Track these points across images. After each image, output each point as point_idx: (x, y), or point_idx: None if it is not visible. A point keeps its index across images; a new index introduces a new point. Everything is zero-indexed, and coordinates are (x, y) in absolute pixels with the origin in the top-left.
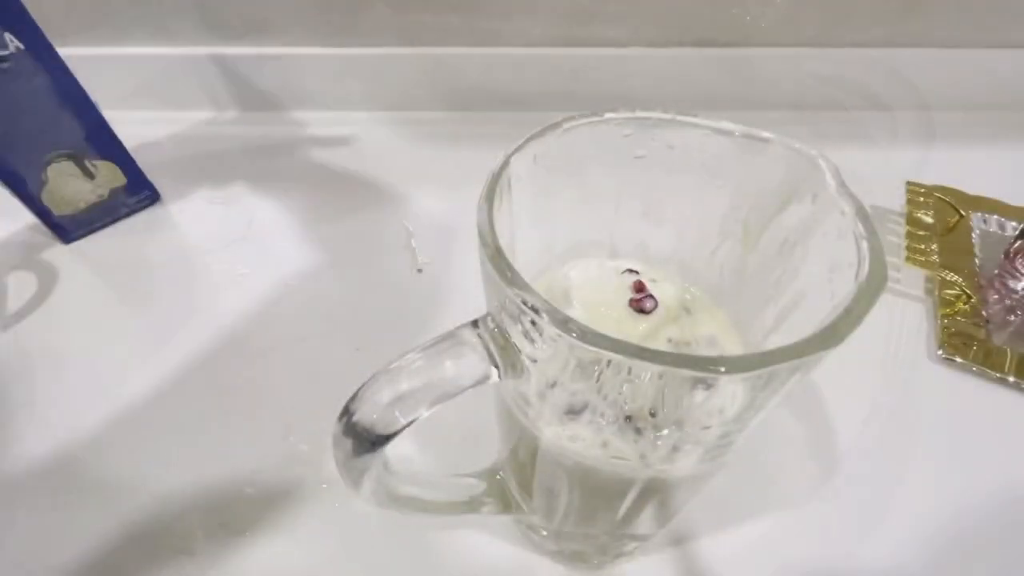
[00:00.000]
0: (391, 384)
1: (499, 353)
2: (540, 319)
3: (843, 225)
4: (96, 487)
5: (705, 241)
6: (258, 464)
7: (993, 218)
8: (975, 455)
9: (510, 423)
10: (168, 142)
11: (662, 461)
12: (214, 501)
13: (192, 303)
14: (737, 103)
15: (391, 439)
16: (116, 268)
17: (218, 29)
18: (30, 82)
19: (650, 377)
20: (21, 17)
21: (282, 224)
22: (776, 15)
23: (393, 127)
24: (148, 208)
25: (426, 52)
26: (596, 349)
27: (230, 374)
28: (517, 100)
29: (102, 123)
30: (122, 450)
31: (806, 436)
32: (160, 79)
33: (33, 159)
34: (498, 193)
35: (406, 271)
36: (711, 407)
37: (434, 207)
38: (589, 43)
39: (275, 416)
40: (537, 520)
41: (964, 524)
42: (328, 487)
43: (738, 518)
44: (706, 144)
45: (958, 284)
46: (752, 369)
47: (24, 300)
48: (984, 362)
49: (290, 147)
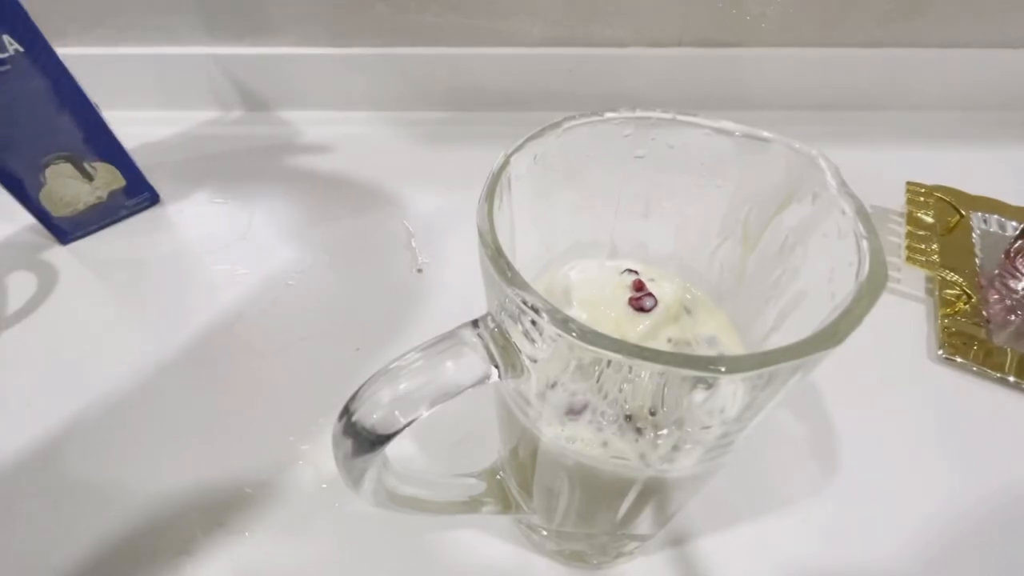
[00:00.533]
0: (391, 384)
1: (499, 353)
2: (540, 319)
3: (843, 225)
4: (95, 487)
5: (705, 241)
6: (258, 464)
7: (993, 218)
8: (975, 455)
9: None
10: (167, 142)
11: (662, 461)
12: (213, 501)
13: (192, 303)
14: (737, 103)
15: (391, 439)
16: (116, 269)
17: (218, 29)
18: (29, 84)
19: (650, 377)
20: (20, 20)
21: (282, 224)
22: (776, 16)
23: (393, 127)
24: (148, 209)
25: (426, 52)
26: (596, 349)
27: (230, 374)
28: (517, 100)
29: (101, 125)
30: (121, 450)
31: (806, 436)
32: (160, 79)
33: (32, 161)
34: (498, 193)
35: (406, 271)
36: (711, 407)
37: (434, 207)
38: (589, 43)
39: (275, 416)
40: (537, 520)
41: (964, 524)
42: (328, 487)
43: (738, 518)
44: (706, 144)
45: (958, 284)
46: (752, 369)
47: (23, 301)
48: (984, 362)
49: (290, 147)
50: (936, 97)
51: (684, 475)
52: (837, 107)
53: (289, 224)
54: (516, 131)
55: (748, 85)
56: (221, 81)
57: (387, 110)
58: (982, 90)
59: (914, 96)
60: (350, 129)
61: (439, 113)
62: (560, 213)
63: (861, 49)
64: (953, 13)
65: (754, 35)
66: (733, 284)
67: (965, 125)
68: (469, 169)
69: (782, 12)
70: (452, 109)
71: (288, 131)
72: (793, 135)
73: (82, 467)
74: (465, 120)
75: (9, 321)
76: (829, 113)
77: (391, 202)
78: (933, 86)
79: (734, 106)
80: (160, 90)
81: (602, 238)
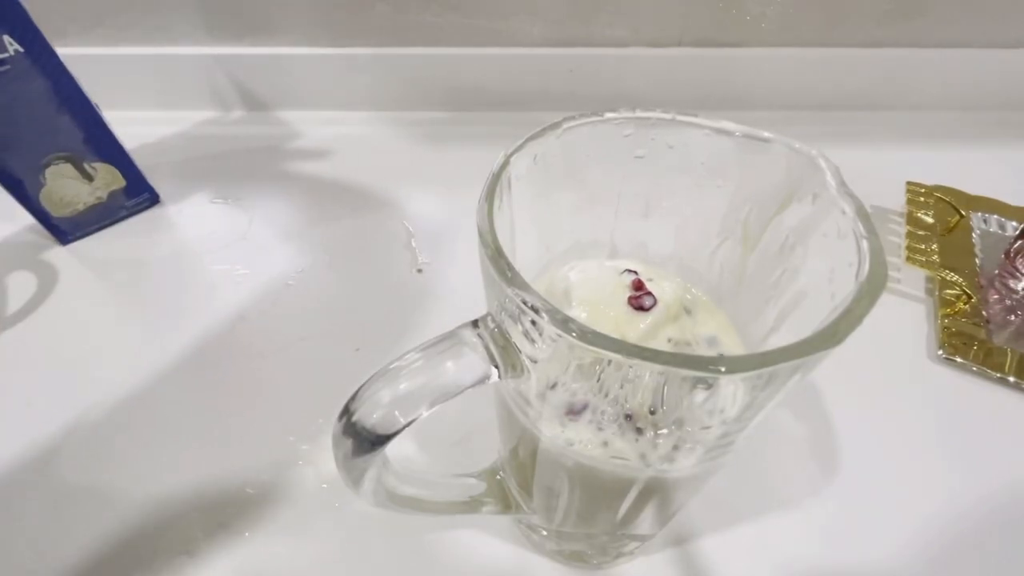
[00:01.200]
0: (391, 384)
1: (499, 353)
2: (540, 319)
3: (843, 225)
4: (96, 488)
5: (705, 241)
6: (258, 464)
7: (993, 218)
8: (975, 455)
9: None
10: (168, 142)
11: (662, 461)
12: (214, 501)
13: (191, 304)
14: (737, 103)
15: (391, 439)
16: (116, 269)
17: (218, 29)
18: (29, 85)
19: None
20: (21, 20)
21: (282, 224)
22: (775, 16)
23: (393, 127)
24: (148, 209)
25: (426, 52)
26: (596, 349)
27: (230, 374)
28: (517, 100)
29: (102, 126)
30: (122, 451)
31: (806, 436)
32: (160, 79)
33: (31, 161)
34: (498, 193)
35: (406, 271)
36: (711, 407)
37: (434, 207)
38: (589, 43)
39: (275, 416)
40: (537, 520)
41: (965, 524)
42: (328, 487)
43: (738, 518)
44: (706, 144)
45: (958, 284)
46: (752, 369)
47: (23, 301)
48: (984, 362)
49: (290, 147)
50: (936, 97)
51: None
52: (837, 107)
53: (289, 224)
54: (516, 131)
55: (748, 85)
56: (221, 81)
57: (387, 110)
58: (982, 90)
59: (914, 96)
60: (350, 129)
61: (439, 113)
62: (560, 213)
63: (861, 49)
64: (953, 13)
65: (754, 35)
66: (733, 284)
67: (965, 125)
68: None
69: (782, 12)
70: (452, 109)
71: (288, 131)
72: (793, 135)
73: (82, 468)
74: (465, 120)
75: (9, 321)
76: (829, 113)
77: (391, 202)
78: (933, 86)
79: (734, 106)
80: (160, 90)
81: (602, 238)
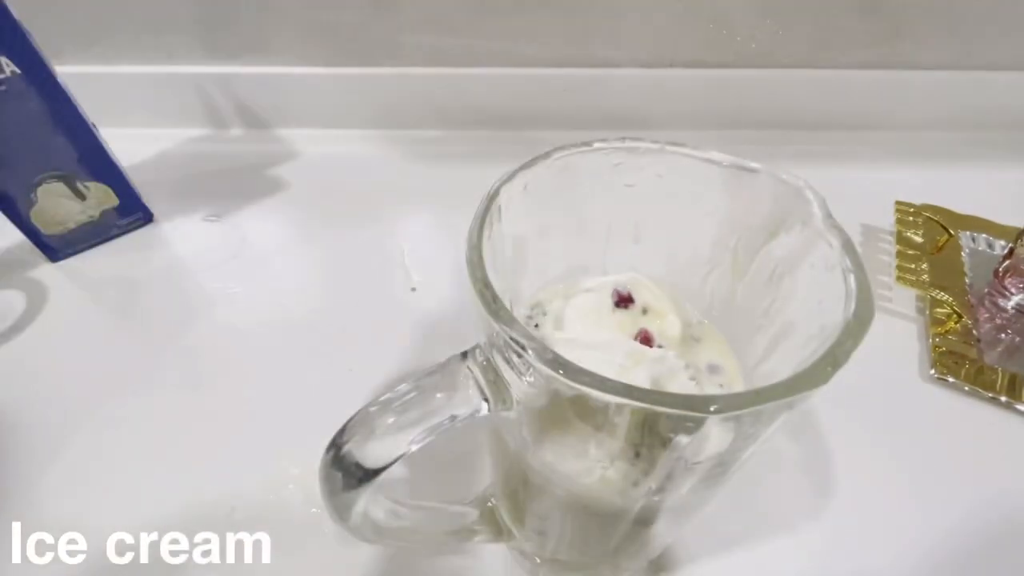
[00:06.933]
0: (381, 417)
1: (489, 387)
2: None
3: (830, 258)
4: (83, 509)
5: (695, 269)
6: (248, 486)
7: (982, 237)
8: (968, 475)
9: (501, 451)
10: (163, 160)
11: (655, 492)
12: (203, 523)
13: (183, 322)
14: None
15: (380, 473)
16: (107, 287)
17: (214, 48)
18: (25, 105)
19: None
20: (20, 43)
21: (275, 242)
22: (764, 38)
23: (388, 146)
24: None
25: (422, 72)
26: (581, 387)
27: (220, 394)
28: (512, 119)
29: (97, 146)
30: (110, 471)
31: (799, 457)
32: (156, 97)
33: (24, 179)
34: (487, 223)
35: (400, 290)
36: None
37: (428, 226)
38: (583, 64)
39: (265, 438)
40: (530, 548)
41: (958, 543)
42: (318, 511)
43: (732, 542)
44: (694, 174)
45: (948, 303)
46: (738, 409)
47: (12, 319)
48: (976, 381)
49: (285, 165)
50: (923, 117)
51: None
52: (826, 127)
53: (283, 242)
54: (511, 150)
55: (738, 105)
56: (217, 99)
57: (382, 128)
58: (968, 111)
59: (901, 116)
60: (345, 148)
61: (434, 132)
62: (551, 241)
63: (848, 71)
64: (938, 36)
65: (743, 57)
66: (723, 312)
67: (952, 145)
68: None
69: (770, 34)
70: (447, 128)
71: (283, 149)
72: (782, 155)
73: (70, 488)
74: (460, 139)
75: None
76: (818, 133)
77: (385, 221)
78: (920, 106)
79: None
80: (156, 108)
81: (593, 266)
